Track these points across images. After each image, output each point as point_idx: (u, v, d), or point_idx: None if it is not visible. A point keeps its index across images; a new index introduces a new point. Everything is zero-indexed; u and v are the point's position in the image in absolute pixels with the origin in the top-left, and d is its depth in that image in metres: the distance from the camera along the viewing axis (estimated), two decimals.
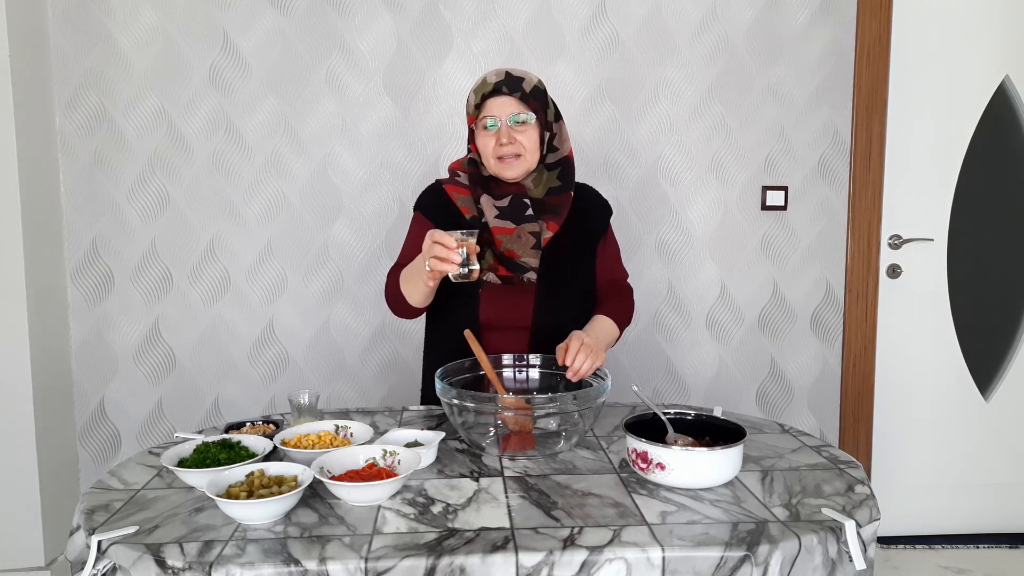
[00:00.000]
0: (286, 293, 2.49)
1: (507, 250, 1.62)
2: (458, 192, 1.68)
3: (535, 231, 1.62)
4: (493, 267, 1.63)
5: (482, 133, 1.61)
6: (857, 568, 1.11)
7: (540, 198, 1.64)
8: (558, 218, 1.65)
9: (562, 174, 1.66)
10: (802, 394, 2.63)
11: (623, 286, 1.81)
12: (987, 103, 2.57)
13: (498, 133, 1.58)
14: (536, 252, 1.63)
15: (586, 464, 1.37)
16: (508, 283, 1.63)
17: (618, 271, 1.82)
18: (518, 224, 1.62)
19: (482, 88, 1.60)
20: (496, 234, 1.62)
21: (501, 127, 1.58)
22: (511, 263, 1.62)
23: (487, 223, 1.62)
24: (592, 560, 1.03)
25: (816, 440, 1.51)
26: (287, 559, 1.02)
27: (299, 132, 2.43)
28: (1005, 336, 2.70)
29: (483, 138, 1.61)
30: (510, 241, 1.61)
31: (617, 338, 1.70)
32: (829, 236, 2.57)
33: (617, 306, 1.72)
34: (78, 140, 2.39)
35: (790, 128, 2.52)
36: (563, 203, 1.66)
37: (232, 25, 2.38)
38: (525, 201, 1.63)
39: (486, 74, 1.63)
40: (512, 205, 1.62)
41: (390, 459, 1.27)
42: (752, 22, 2.47)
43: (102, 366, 2.47)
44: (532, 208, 1.63)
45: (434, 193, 1.73)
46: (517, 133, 1.58)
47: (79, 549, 1.14)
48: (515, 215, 1.62)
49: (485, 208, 1.63)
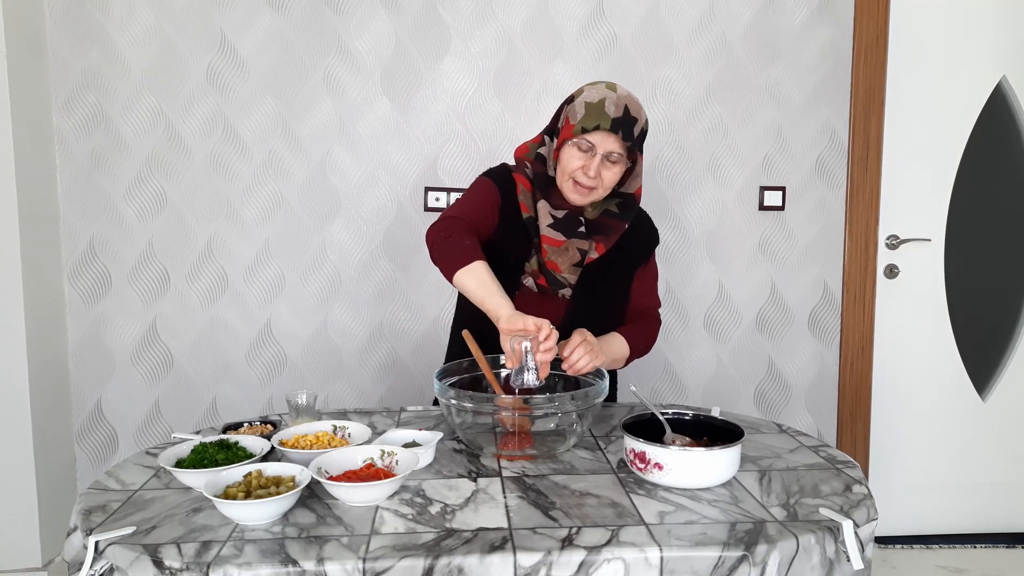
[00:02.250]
0: (284, 293, 2.49)
1: (550, 261, 1.61)
2: (523, 186, 1.63)
3: (583, 248, 1.61)
4: (534, 273, 1.62)
5: (572, 149, 1.53)
6: (855, 568, 1.11)
7: (594, 219, 1.62)
8: (607, 241, 1.62)
9: (622, 204, 1.62)
10: (800, 394, 2.63)
11: (652, 315, 1.78)
12: (984, 104, 2.57)
13: (586, 160, 1.52)
14: (577, 269, 1.62)
15: (584, 464, 1.37)
16: (542, 292, 1.63)
17: (651, 299, 1.78)
18: (568, 238, 1.60)
19: (596, 116, 1.50)
20: (545, 243, 1.60)
21: (595, 159, 1.51)
22: (550, 276, 1.62)
23: (539, 227, 1.60)
24: (590, 560, 1.03)
25: (814, 440, 1.51)
26: (285, 559, 1.01)
27: (297, 132, 2.43)
28: (1002, 336, 2.71)
29: (570, 154, 1.54)
30: (556, 253, 1.60)
31: (627, 360, 1.67)
32: (827, 236, 2.57)
33: (638, 331, 1.69)
34: (75, 140, 2.39)
35: (788, 128, 2.52)
36: (615, 229, 1.63)
37: (230, 25, 2.38)
38: (580, 219, 1.61)
39: (605, 94, 1.52)
40: (566, 218, 1.60)
41: (388, 459, 1.27)
42: (750, 22, 2.47)
43: (99, 366, 2.47)
44: (585, 226, 1.61)
45: (504, 176, 1.66)
46: (605, 169, 1.53)
47: (76, 550, 1.14)
48: (567, 229, 1.59)
49: (540, 213, 1.60)
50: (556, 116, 1.62)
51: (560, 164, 1.56)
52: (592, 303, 1.64)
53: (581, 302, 1.64)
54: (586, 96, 1.54)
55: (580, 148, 1.52)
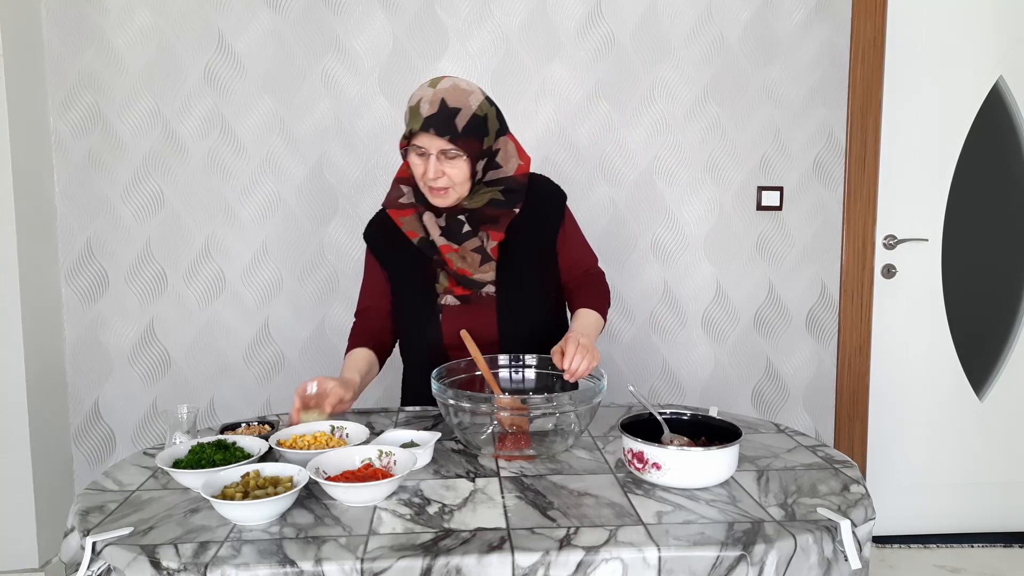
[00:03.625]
0: (281, 293, 2.48)
1: (459, 268, 1.59)
2: (402, 215, 1.62)
3: (477, 247, 1.58)
4: (449, 288, 1.60)
5: (412, 156, 1.53)
6: (852, 567, 1.11)
7: (477, 209, 1.58)
8: (498, 227, 1.59)
9: (506, 190, 1.59)
10: (797, 394, 2.63)
11: (594, 272, 1.75)
12: (981, 104, 2.58)
13: (425, 164, 1.50)
14: (489, 264, 1.59)
15: (582, 464, 1.37)
16: (466, 301, 1.61)
17: (586, 257, 1.74)
18: (459, 244, 1.58)
19: (414, 119, 1.49)
20: (445, 253, 1.58)
21: (430, 160, 1.50)
22: (465, 280, 1.60)
23: (434, 242, 1.59)
24: (588, 560, 1.03)
25: (811, 440, 1.51)
26: (283, 560, 1.01)
27: (294, 132, 2.43)
28: (999, 336, 2.71)
29: (413, 162, 1.54)
30: (458, 259, 1.58)
31: (603, 327, 1.67)
32: (824, 236, 2.57)
33: (594, 293, 1.68)
34: (72, 140, 2.39)
35: (785, 128, 2.52)
36: (505, 215, 1.59)
37: (227, 25, 2.38)
38: (460, 218, 1.58)
39: (421, 96, 1.50)
40: (448, 223, 1.58)
41: (386, 460, 1.27)
42: (747, 23, 2.48)
43: (96, 367, 2.47)
44: (468, 223, 1.58)
45: (379, 224, 1.68)
46: (446, 166, 1.50)
47: (73, 551, 1.14)
48: (453, 234, 1.58)
49: (429, 227, 1.59)
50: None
51: (413, 175, 1.56)
52: (518, 291, 1.61)
53: (506, 295, 1.61)
54: (410, 99, 1.53)
55: (417, 154, 1.52)
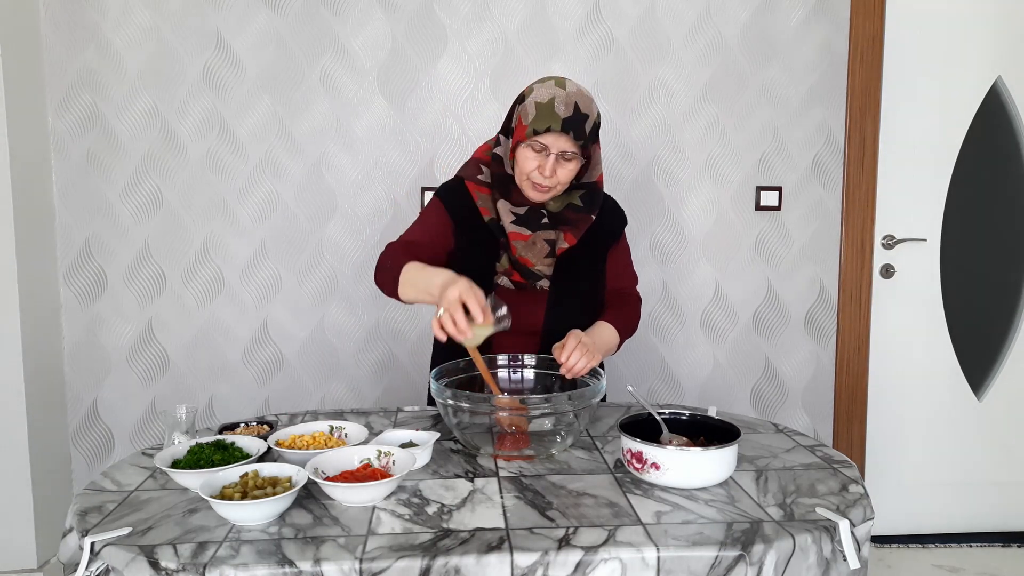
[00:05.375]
0: (280, 293, 2.48)
1: (521, 257, 1.61)
2: (479, 191, 1.65)
3: (551, 239, 1.62)
4: (508, 271, 1.63)
5: (526, 151, 1.54)
6: (851, 567, 1.11)
7: (557, 212, 1.62)
8: (575, 231, 1.63)
9: (586, 197, 1.63)
10: (796, 394, 2.63)
11: (630, 293, 1.79)
12: (980, 104, 2.58)
13: (541, 161, 1.52)
14: (550, 261, 1.63)
15: (581, 464, 1.37)
16: (521, 289, 1.64)
17: (626, 278, 1.79)
18: (533, 231, 1.61)
19: (547, 118, 1.50)
20: (512, 239, 1.61)
21: (549, 159, 1.52)
22: (525, 270, 1.62)
23: (503, 227, 1.61)
24: (587, 560, 1.03)
25: (810, 440, 1.52)
26: (281, 560, 1.01)
27: (293, 132, 2.43)
28: (998, 336, 2.72)
29: (525, 156, 1.54)
30: (525, 248, 1.61)
31: (618, 346, 1.67)
32: (823, 236, 2.58)
33: (621, 314, 1.70)
34: (71, 140, 2.38)
35: (784, 129, 2.52)
36: (583, 220, 1.64)
37: (226, 25, 2.38)
38: (541, 212, 1.62)
39: (555, 93, 1.51)
40: (528, 213, 1.61)
41: (385, 460, 1.27)
42: (746, 23, 2.48)
43: (95, 367, 2.46)
44: (548, 219, 1.62)
45: (456, 191, 1.68)
46: (560, 168, 1.53)
47: (72, 551, 1.14)
48: (530, 223, 1.61)
49: (502, 212, 1.61)
50: (509, 115, 1.62)
51: (517, 165, 1.58)
52: (571, 291, 1.65)
53: (560, 291, 1.64)
54: (536, 96, 1.53)
55: (534, 149, 1.53)
